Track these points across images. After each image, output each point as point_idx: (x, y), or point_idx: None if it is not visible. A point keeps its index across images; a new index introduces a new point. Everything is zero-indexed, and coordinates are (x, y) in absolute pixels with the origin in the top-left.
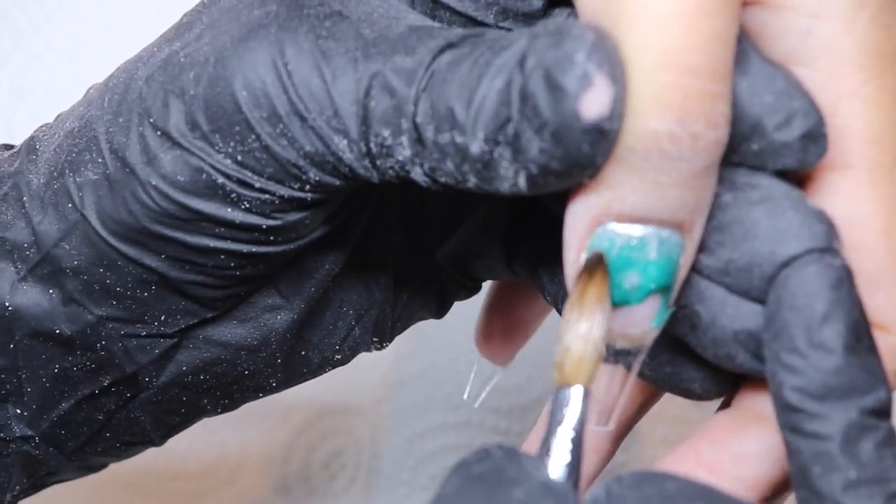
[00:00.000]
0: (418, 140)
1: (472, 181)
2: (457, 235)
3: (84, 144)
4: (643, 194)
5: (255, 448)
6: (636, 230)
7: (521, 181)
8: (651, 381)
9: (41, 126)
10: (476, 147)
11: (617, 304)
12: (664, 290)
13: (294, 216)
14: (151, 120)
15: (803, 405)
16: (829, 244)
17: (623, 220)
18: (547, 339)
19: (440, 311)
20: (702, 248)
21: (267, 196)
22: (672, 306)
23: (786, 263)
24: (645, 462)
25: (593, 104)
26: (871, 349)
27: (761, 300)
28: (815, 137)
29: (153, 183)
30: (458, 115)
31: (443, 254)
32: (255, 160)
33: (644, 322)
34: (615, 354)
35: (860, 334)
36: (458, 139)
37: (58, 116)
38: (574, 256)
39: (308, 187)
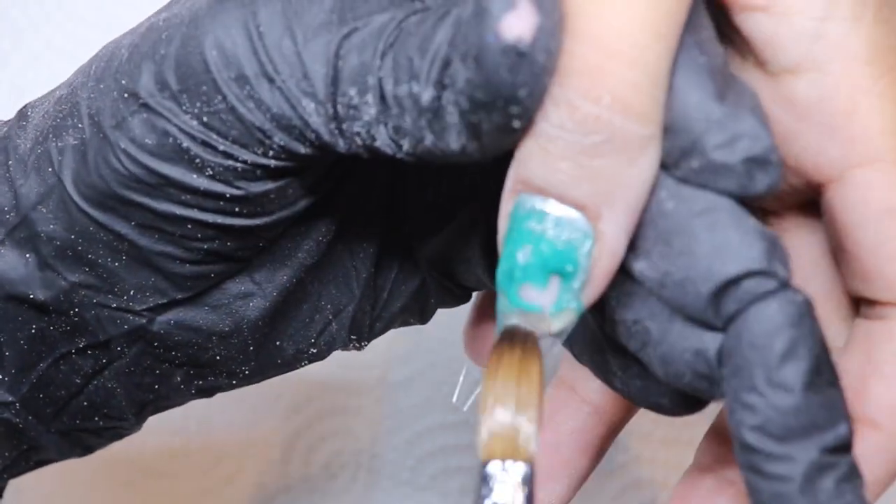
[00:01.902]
0: (382, 96)
1: (428, 137)
2: (441, 240)
3: (68, 110)
4: (537, 163)
5: (255, 448)
6: (539, 203)
7: (465, 131)
8: (622, 395)
9: (38, 97)
10: (427, 94)
11: (511, 276)
12: (563, 275)
13: (258, 186)
14: (123, 82)
15: (763, 446)
16: (767, 266)
17: (527, 189)
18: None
19: (423, 316)
20: (646, 257)
21: (230, 162)
22: (584, 301)
23: (722, 286)
24: (643, 462)
25: (513, 26)
26: (832, 382)
27: (695, 318)
28: (763, 164)
29: (122, 146)
30: (416, 64)
31: (429, 256)
32: (220, 122)
33: (538, 303)
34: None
35: (821, 369)
36: (415, 89)
37: (54, 88)
38: (502, 225)
39: (271, 153)
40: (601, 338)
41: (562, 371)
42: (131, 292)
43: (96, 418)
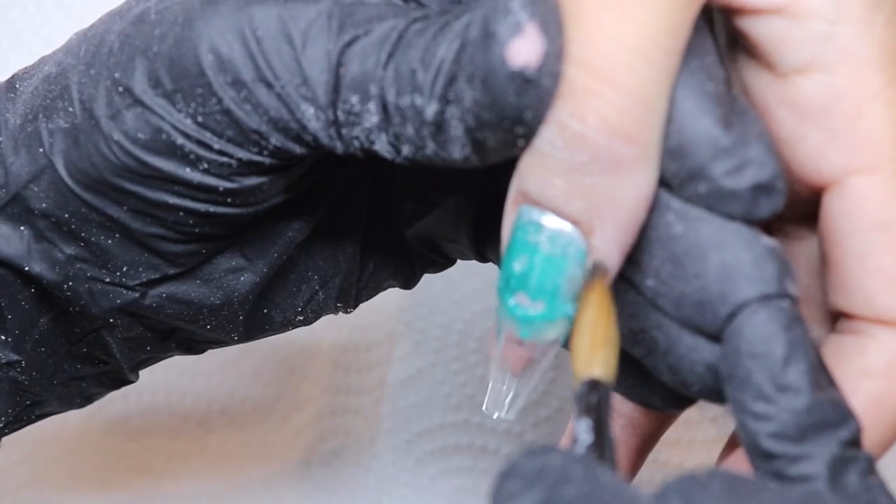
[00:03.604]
0: (384, 105)
1: (430, 147)
2: (429, 222)
3: (58, 92)
4: (534, 177)
5: (255, 449)
6: (537, 215)
7: (469, 144)
8: (614, 390)
9: (24, 67)
10: (431, 109)
11: (507, 284)
12: (557, 286)
13: (251, 181)
14: (117, 75)
15: (783, 450)
16: (780, 288)
17: (526, 201)
18: None
19: (408, 282)
20: (655, 275)
21: (225, 159)
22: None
23: (737, 309)
24: (648, 462)
25: (521, 52)
26: (832, 383)
27: (712, 336)
28: (769, 190)
29: (115, 138)
30: (419, 77)
31: (414, 234)
32: (215, 122)
33: (531, 312)
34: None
35: (820, 371)
36: (418, 101)
37: (40, 59)
38: (505, 234)
39: (267, 152)
40: None
41: None
42: (124, 268)
43: (96, 362)
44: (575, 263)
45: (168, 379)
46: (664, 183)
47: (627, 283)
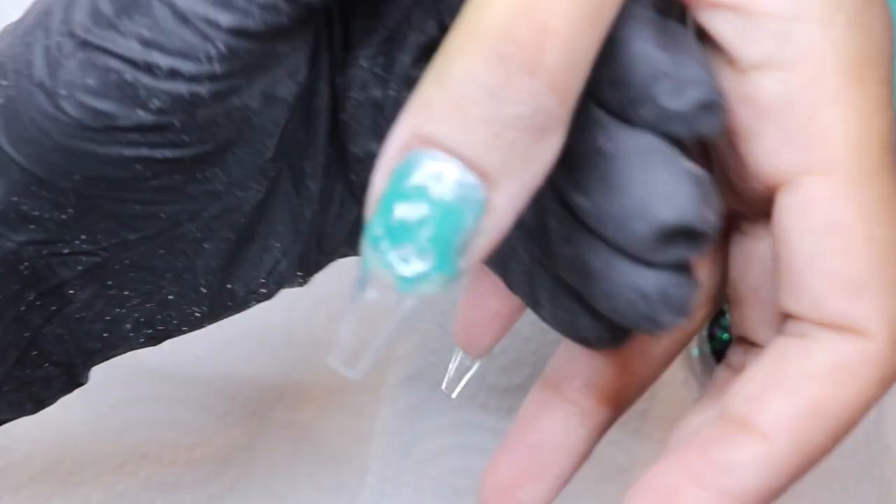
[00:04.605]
0: None
1: None
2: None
3: None
4: (451, 123)
5: (254, 451)
6: (438, 163)
7: None
8: (550, 325)
9: None
10: None
11: (391, 235)
12: (446, 240)
13: (204, 112)
14: (55, 27)
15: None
16: (696, 211)
17: (428, 145)
18: (546, 340)
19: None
20: (586, 193)
21: (176, 86)
22: (462, 269)
23: (660, 233)
24: (644, 464)
25: None
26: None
27: (636, 257)
28: (710, 107)
29: (62, 92)
30: None
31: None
32: (162, 33)
33: (417, 268)
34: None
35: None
36: None
37: None
38: (379, 180)
39: (216, 53)
40: (531, 270)
41: (547, 371)
42: (83, 237)
43: (46, 364)
44: (471, 218)
45: (169, 383)
46: (606, 110)
47: (564, 206)
